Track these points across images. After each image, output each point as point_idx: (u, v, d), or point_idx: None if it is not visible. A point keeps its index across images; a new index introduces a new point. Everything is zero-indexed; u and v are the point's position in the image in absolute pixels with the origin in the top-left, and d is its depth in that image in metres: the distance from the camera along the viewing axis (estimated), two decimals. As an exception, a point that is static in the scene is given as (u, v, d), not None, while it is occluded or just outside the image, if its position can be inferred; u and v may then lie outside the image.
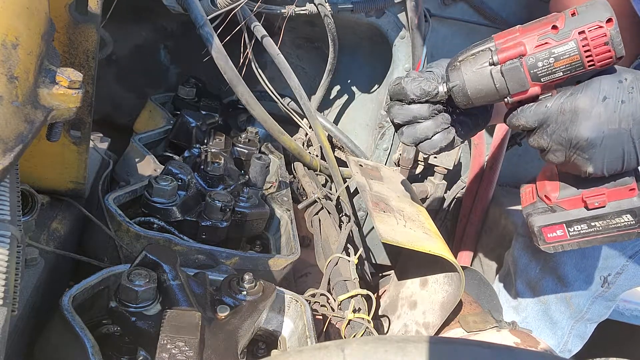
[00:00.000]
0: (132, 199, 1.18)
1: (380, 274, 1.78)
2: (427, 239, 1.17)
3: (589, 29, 0.82)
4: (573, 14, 0.84)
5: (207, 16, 1.41)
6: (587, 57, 0.83)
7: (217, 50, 1.39)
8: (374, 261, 1.89)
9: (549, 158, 0.92)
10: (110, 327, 0.86)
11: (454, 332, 1.20)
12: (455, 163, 1.91)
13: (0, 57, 0.56)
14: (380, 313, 1.39)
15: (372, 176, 1.47)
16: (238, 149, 1.58)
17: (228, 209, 1.17)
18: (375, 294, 1.22)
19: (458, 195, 2.12)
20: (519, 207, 1.89)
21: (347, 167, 1.67)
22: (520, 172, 2.24)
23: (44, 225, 1.01)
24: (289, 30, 1.77)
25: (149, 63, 1.88)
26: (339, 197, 1.64)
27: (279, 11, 1.54)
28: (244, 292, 0.92)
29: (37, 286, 0.88)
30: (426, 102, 0.96)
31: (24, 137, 0.58)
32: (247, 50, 1.55)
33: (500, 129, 2.03)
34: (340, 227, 1.46)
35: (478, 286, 1.31)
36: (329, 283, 1.25)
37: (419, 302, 1.30)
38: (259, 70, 1.66)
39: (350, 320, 1.12)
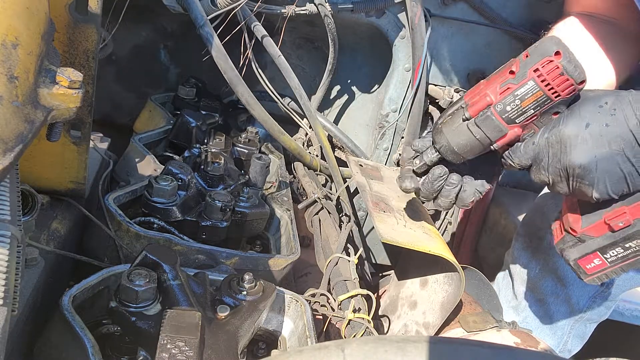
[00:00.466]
0: (132, 199, 1.18)
1: (380, 274, 1.78)
2: (427, 239, 1.17)
3: (542, 66, 0.87)
4: (526, 56, 0.89)
5: (207, 16, 1.41)
6: (549, 90, 0.87)
7: (217, 50, 1.39)
8: (374, 261, 1.89)
9: (556, 190, 0.94)
10: (110, 327, 0.86)
11: (454, 332, 1.20)
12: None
13: (0, 57, 0.56)
14: (380, 313, 1.39)
15: (372, 176, 1.47)
16: (238, 149, 1.58)
17: (228, 209, 1.17)
18: (375, 294, 1.22)
19: (458, 195, 2.11)
20: (519, 207, 1.90)
21: (347, 167, 1.67)
22: (520, 172, 2.23)
23: (44, 225, 1.01)
24: (289, 30, 1.77)
25: (149, 63, 1.88)
26: (339, 197, 1.64)
27: (279, 11, 1.54)
28: (244, 292, 0.92)
29: (37, 286, 0.88)
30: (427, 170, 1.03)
31: (24, 137, 0.58)
32: (247, 50, 1.55)
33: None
34: (340, 227, 1.46)
35: (478, 286, 1.31)
36: (329, 283, 1.25)
37: (419, 302, 1.30)
38: (259, 70, 1.66)
39: (350, 320, 1.12)
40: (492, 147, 0.95)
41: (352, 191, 1.86)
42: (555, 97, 0.88)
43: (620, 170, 0.86)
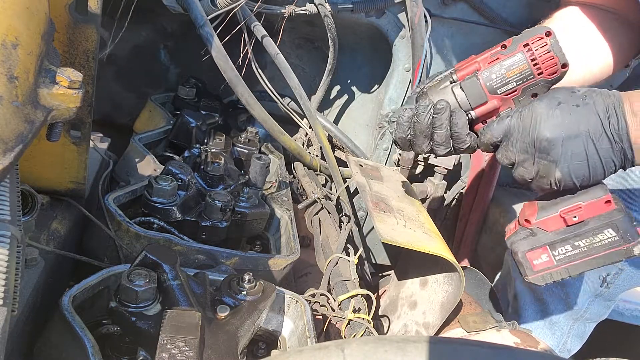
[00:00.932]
0: (132, 199, 1.18)
1: (380, 274, 1.78)
2: (427, 239, 1.17)
3: (532, 41, 0.92)
4: (520, 35, 0.95)
5: (207, 16, 1.41)
6: (534, 65, 0.92)
7: (217, 50, 1.39)
8: (374, 261, 1.89)
9: (520, 172, 0.95)
10: (110, 327, 0.86)
11: (454, 332, 1.20)
12: (455, 163, 1.91)
13: (0, 57, 0.56)
14: (380, 313, 1.39)
15: (372, 176, 1.47)
16: (238, 149, 1.58)
17: (228, 209, 1.17)
18: (375, 294, 1.22)
19: (458, 195, 2.12)
20: (519, 207, 1.89)
21: (347, 167, 1.67)
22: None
23: (44, 225, 1.01)
24: (289, 30, 1.77)
25: (149, 63, 1.88)
26: (339, 197, 1.64)
27: (279, 11, 1.54)
28: (244, 292, 0.92)
29: (37, 286, 0.88)
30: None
31: (24, 137, 0.58)
32: (247, 50, 1.55)
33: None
34: (340, 227, 1.46)
35: (478, 286, 1.31)
36: (329, 283, 1.25)
37: (419, 302, 1.30)
38: (259, 70, 1.66)
39: (350, 320, 1.12)
40: (470, 114, 0.97)
41: (352, 191, 1.87)
42: (539, 74, 0.92)
43: (584, 150, 0.87)
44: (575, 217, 0.92)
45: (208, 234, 1.16)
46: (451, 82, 0.99)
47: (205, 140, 1.48)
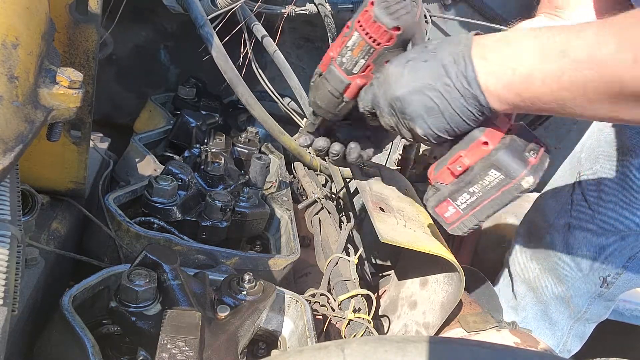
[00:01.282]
0: (132, 199, 1.18)
1: (380, 274, 1.78)
2: (427, 239, 1.17)
3: (361, 16, 0.93)
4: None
5: (207, 16, 1.41)
6: (369, 38, 0.93)
7: (217, 50, 1.39)
8: (374, 261, 1.89)
9: (402, 135, 0.96)
10: (110, 327, 0.86)
11: (454, 332, 1.20)
12: (455, 163, 1.90)
13: (0, 57, 0.56)
14: (380, 313, 1.39)
15: (372, 176, 1.47)
16: (238, 149, 1.58)
17: (228, 209, 1.17)
18: (375, 294, 1.22)
19: (458, 195, 2.11)
20: (519, 207, 1.89)
21: (348, 167, 1.67)
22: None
23: (44, 225, 1.01)
24: (289, 30, 1.77)
25: (149, 63, 1.88)
26: (339, 197, 1.64)
27: (279, 11, 1.54)
28: (244, 292, 0.92)
29: (37, 286, 0.88)
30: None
31: (24, 137, 0.58)
32: (247, 50, 1.55)
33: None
34: (340, 227, 1.46)
35: (478, 286, 1.31)
36: (329, 283, 1.25)
37: (419, 302, 1.30)
38: (259, 70, 1.66)
39: (350, 320, 1.12)
40: (344, 99, 1.01)
41: (352, 191, 1.86)
42: (377, 44, 0.94)
43: (435, 104, 0.85)
44: (459, 166, 0.91)
45: (208, 234, 1.16)
46: (319, 76, 1.03)
47: (205, 140, 1.47)
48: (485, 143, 0.88)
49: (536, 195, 1.62)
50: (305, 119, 1.78)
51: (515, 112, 0.86)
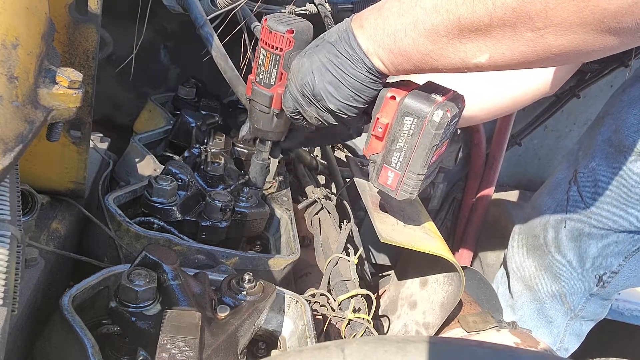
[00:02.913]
0: (132, 199, 1.18)
1: (380, 274, 1.78)
2: (427, 239, 1.17)
3: (261, 35, 1.07)
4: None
5: (207, 16, 1.41)
6: (272, 48, 1.05)
7: (217, 50, 1.39)
8: (374, 261, 1.89)
9: (327, 122, 1.01)
10: (110, 327, 0.86)
11: (454, 332, 1.20)
12: (455, 163, 1.90)
13: (0, 57, 0.56)
14: (380, 313, 1.39)
15: (372, 176, 1.47)
16: (238, 149, 1.58)
17: (228, 209, 1.17)
18: (375, 294, 1.22)
19: (458, 195, 2.12)
20: (519, 207, 1.90)
21: (347, 167, 1.67)
22: (520, 172, 2.24)
23: (44, 225, 1.01)
24: (289, 30, 1.76)
25: (149, 63, 1.88)
26: (339, 197, 1.64)
27: (279, 11, 1.54)
28: (244, 292, 0.92)
29: (37, 286, 0.88)
30: None
31: (24, 137, 0.58)
32: (247, 50, 1.55)
33: (500, 130, 2.03)
34: (340, 227, 1.46)
35: (478, 286, 1.31)
36: (329, 283, 1.25)
37: (419, 302, 1.30)
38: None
39: (350, 320, 1.12)
40: (273, 112, 1.12)
41: (352, 191, 1.86)
42: (279, 50, 1.05)
43: (334, 76, 0.93)
44: (380, 128, 0.98)
45: (208, 234, 1.16)
46: (249, 102, 1.15)
47: (205, 140, 1.47)
48: (393, 97, 0.96)
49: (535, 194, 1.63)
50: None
51: (402, 73, 0.92)
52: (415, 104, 0.94)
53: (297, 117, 1.05)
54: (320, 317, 1.14)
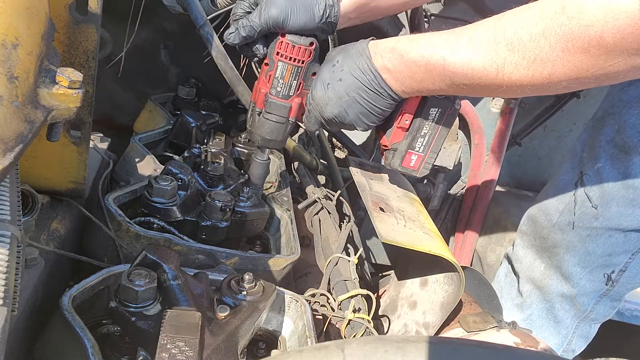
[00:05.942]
0: (132, 199, 1.18)
1: (380, 274, 1.78)
2: (427, 239, 1.17)
3: (277, 49, 1.14)
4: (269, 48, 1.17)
5: (207, 16, 1.41)
6: (294, 61, 1.14)
7: (217, 50, 1.39)
8: (374, 261, 1.89)
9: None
10: (110, 327, 0.86)
11: (454, 332, 1.20)
12: (455, 163, 1.90)
13: (0, 57, 0.56)
14: (380, 313, 1.39)
15: (372, 176, 1.47)
16: (238, 149, 1.58)
17: (228, 209, 1.17)
18: (375, 294, 1.22)
19: (458, 195, 2.12)
20: (519, 207, 1.89)
21: (347, 167, 1.67)
22: (520, 172, 2.24)
23: (44, 225, 1.01)
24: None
25: (149, 63, 1.88)
26: (339, 197, 1.64)
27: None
28: (244, 292, 0.92)
29: (37, 286, 0.87)
30: None
31: (24, 137, 0.58)
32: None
33: (500, 130, 2.03)
34: (340, 227, 1.46)
35: (478, 286, 1.31)
36: (329, 283, 1.25)
37: (419, 302, 1.30)
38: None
39: (350, 320, 1.12)
40: (289, 122, 1.20)
41: (352, 191, 1.86)
42: (301, 63, 1.15)
43: (364, 108, 1.08)
44: (406, 120, 1.14)
45: (208, 234, 1.16)
46: (259, 114, 1.21)
47: (205, 140, 1.47)
48: (417, 97, 1.12)
49: (537, 195, 1.62)
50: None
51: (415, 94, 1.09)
52: (437, 98, 1.11)
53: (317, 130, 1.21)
54: (320, 317, 1.14)
